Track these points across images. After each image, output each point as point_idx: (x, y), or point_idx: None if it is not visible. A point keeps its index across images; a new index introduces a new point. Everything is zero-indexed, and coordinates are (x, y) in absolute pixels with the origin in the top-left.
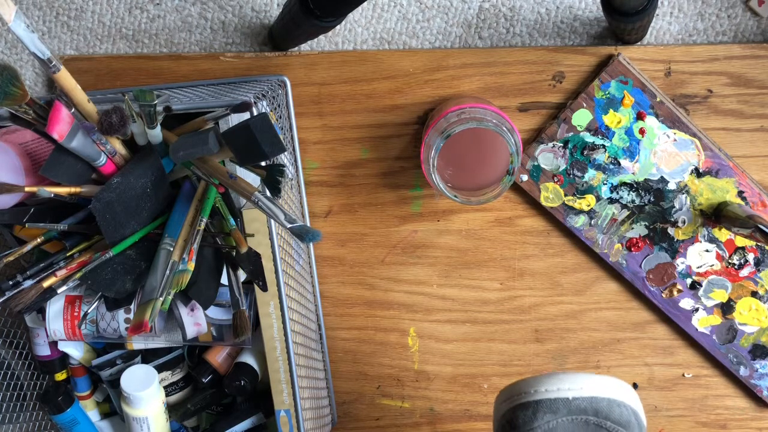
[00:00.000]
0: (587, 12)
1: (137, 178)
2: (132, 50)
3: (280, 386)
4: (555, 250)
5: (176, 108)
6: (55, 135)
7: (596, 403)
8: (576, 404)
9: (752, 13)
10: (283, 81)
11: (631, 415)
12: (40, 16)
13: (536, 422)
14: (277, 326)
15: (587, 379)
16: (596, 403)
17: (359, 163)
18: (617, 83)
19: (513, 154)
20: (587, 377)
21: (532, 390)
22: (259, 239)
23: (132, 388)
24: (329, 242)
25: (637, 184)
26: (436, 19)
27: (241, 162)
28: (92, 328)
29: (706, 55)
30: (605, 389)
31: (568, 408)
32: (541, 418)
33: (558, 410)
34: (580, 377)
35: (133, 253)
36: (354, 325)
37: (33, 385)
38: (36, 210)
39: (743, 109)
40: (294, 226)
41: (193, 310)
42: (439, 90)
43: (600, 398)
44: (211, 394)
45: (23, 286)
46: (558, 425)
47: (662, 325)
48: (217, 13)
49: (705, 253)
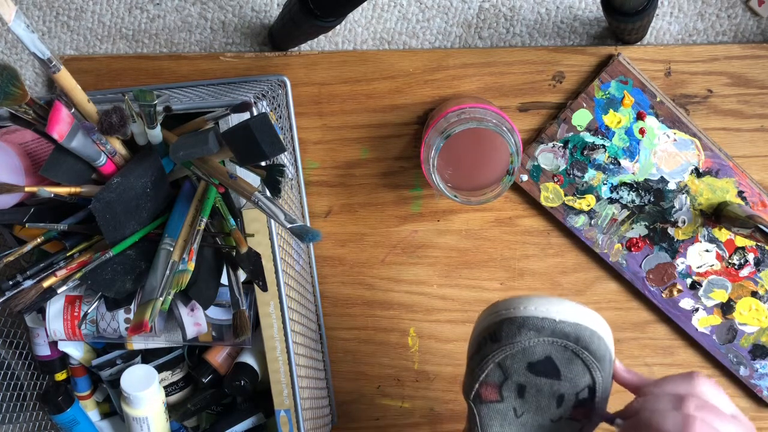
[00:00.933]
0: (587, 12)
1: (137, 178)
2: (132, 50)
3: (280, 386)
4: (555, 250)
5: (176, 108)
6: (55, 135)
7: (580, 330)
8: (561, 327)
9: (752, 13)
10: (283, 81)
11: (606, 351)
12: (40, 16)
13: (519, 337)
14: (277, 326)
15: (576, 307)
16: (580, 331)
17: (359, 163)
18: (617, 83)
19: (513, 154)
20: (576, 306)
21: (522, 307)
22: (259, 239)
23: (132, 388)
24: (329, 242)
25: (637, 184)
26: (436, 19)
27: (241, 162)
28: (92, 328)
29: (706, 55)
30: (591, 321)
31: (552, 330)
32: (525, 335)
33: (542, 330)
34: (570, 304)
35: (133, 253)
36: (354, 325)
37: (33, 385)
38: (36, 210)
39: (743, 109)
40: (294, 226)
41: (193, 310)
42: (439, 90)
43: (585, 327)
44: (211, 394)
45: (23, 286)
46: (538, 344)
47: (662, 325)
48: (217, 13)
49: (705, 253)
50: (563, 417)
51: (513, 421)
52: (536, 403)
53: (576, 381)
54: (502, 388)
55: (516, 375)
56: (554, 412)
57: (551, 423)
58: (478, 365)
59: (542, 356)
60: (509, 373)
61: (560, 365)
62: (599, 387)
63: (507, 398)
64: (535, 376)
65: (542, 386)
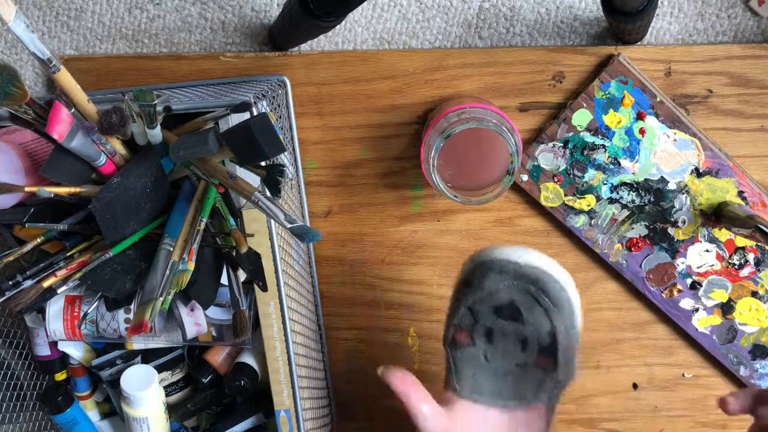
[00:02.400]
0: (587, 12)
1: (137, 178)
2: (132, 50)
3: (280, 386)
4: (555, 250)
5: (176, 108)
6: (55, 135)
7: (540, 275)
8: (523, 270)
9: (752, 13)
10: (283, 81)
11: (566, 301)
12: (40, 16)
13: (486, 281)
14: (277, 326)
15: (541, 256)
16: (540, 275)
17: (359, 163)
18: (617, 83)
19: (513, 154)
20: (542, 255)
21: (492, 252)
22: (259, 239)
23: (132, 388)
24: (329, 242)
25: (637, 184)
26: (436, 19)
27: (241, 162)
28: (92, 328)
29: (706, 55)
30: (554, 270)
31: (515, 272)
32: (491, 278)
33: (507, 273)
34: (536, 253)
35: (133, 253)
36: (354, 325)
37: (33, 385)
38: (36, 210)
39: (743, 109)
40: (294, 226)
41: (193, 310)
42: (439, 90)
43: (545, 272)
44: (211, 394)
45: (23, 286)
46: (503, 288)
47: (662, 325)
48: (217, 13)
49: (705, 253)
50: (528, 364)
51: (484, 366)
52: (503, 347)
53: (537, 325)
54: (473, 333)
55: (484, 319)
56: (520, 356)
57: (517, 368)
58: (453, 312)
59: (507, 300)
60: (478, 316)
61: (523, 309)
62: (560, 335)
63: (478, 343)
64: (501, 319)
65: (507, 330)
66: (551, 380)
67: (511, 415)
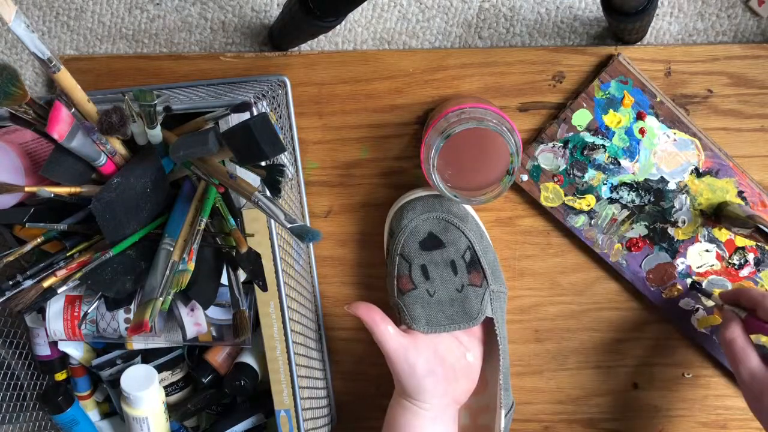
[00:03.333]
0: (587, 12)
1: (137, 178)
2: (132, 50)
3: (280, 386)
4: (555, 250)
5: (176, 108)
6: (55, 135)
7: (441, 200)
8: (429, 202)
9: (752, 13)
10: (283, 81)
11: (468, 215)
12: (40, 16)
13: (402, 223)
14: (277, 326)
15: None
16: (441, 200)
17: (359, 163)
18: (617, 83)
19: (513, 154)
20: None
21: (399, 203)
22: (259, 239)
23: (132, 388)
24: (329, 242)
25: (637, 184)
26: (436, 19)
27: (241, 162)
28: (92, 328)
29: (706, 55)
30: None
31: (422, 206)
32: (406, 218)
33: (415, 209)
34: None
35: (133, 253)
36: (354, 325)
37: (33, 385)
38: (36, 210)
39: (743, 109)
40: (294, 226)
41: (193, 310)
42: (439, 90)
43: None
44: (211, 394)
45: (23, 286)
46: (418, 223)
47: (662, 325)
48: (217, 13)
49: (705, 253)
50: (464, 284)
51: (431, 302)
52: (439, 277)
53: (457, 244)
54: (411, 276)
55: (416, 258)
56: (455, 280)
57: (458, 293)
58: (390, 265)
59: (425, 232)
60: (410, 258)
61: (440, 235)
62: (476, 245)
63: (419, 283)
64: (428, 252)
65: (437, 259)
66: (488, 292)
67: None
